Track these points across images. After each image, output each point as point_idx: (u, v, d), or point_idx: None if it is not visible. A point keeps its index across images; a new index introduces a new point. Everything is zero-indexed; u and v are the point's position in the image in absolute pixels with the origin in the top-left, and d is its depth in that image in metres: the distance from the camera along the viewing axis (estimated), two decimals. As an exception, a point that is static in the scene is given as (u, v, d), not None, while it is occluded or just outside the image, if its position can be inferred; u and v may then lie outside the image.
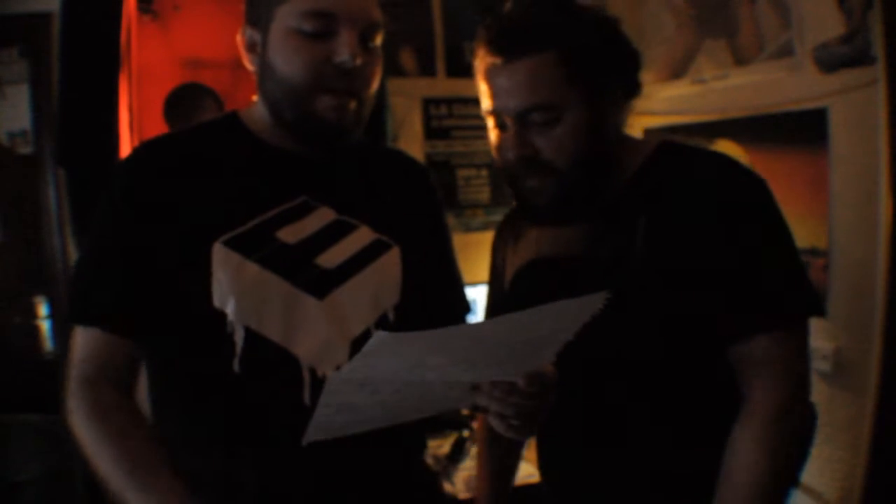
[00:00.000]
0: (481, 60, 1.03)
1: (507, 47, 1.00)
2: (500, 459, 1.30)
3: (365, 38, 0.98)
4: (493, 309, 1.26)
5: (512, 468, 1.33)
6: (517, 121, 1.01)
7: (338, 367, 0.94)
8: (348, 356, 0.95)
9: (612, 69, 1.04)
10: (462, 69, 2.53)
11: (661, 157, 1.08)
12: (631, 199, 1.05)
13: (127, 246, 0.95)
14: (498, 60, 1.00)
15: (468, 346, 0.77)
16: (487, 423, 1.28)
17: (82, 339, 0.96)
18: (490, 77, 1.02)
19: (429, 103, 2.53)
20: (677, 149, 1.10)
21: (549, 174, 1.02)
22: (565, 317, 0.79)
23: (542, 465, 1.19)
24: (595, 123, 1.02)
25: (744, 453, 0.96)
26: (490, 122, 1.06)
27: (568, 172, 1.01)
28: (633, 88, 1.07)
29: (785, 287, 1.00)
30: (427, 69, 2.53)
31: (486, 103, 1.05)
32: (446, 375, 0.80)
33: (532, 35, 1.00)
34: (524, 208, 1.10)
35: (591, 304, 0.77)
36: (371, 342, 0.70)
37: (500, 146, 1.05)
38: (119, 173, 1.01)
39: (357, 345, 0.95)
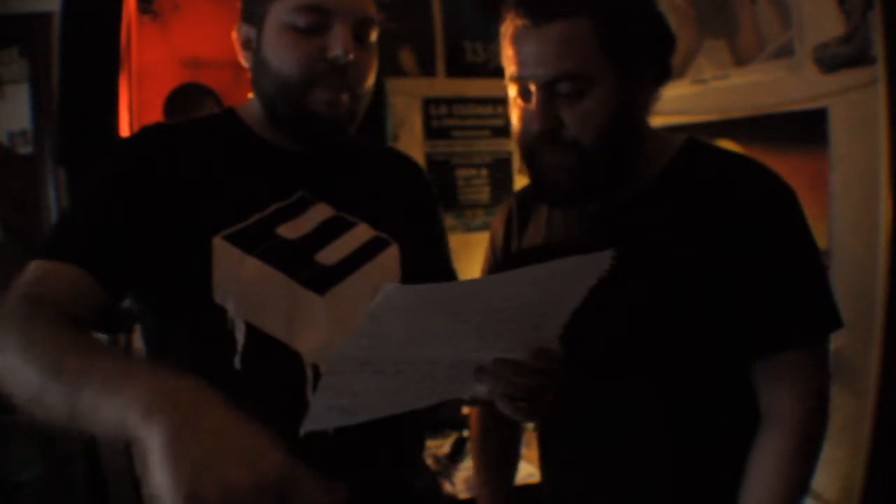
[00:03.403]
0: (509, 23, 0.97)
1: (538, 9, 0.94)
2: (497, 461, 1.28)
3: (359, 34, 0.97)
4: None
5: (511, 469, 1.32)
6: (543, 90, 0.95)
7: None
8: None
9: (647, 45, 0.98)
10: (462, 69, 2.53)
11: (688, 157, 1.04)
12: (657, 196, 1.02)
13: (125, 203, 0.92)
14: (527, 23, 0.94)
15: (474, 305, 0.75)
16: (480, 425, 1.28)
17: (41, 268, 0.85)
18: (517, 41, 0.96)
19: (429, 103, 2.53)
20: (706, 149, 1.06)
21: (572, 151, 0.96)
22: (571, 276, 0.77)
23: (544, 466, 1.19)
24: (624, 101, 0.97)
25: (768, 465, 0.96)
26: (512, 91, 1.00)
27: (592, 150, 0.96)
28: (664, 72, 1.02)
29: (815, 303, 0.98)
30: (427, 69, 2.52)
31: (510, 69, 0.98)
32: (451, 349, 0.79)
33: None
34: (541, 188, 1.04)
35: (597, 264, 0.75)
36: (378, 299, 0.67)
37: (523, 117, 0.99)
38: (125, 148, 1.00)
39: None
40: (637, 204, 1.03)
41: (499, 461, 1.29)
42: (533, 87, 0.96)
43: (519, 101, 1.00)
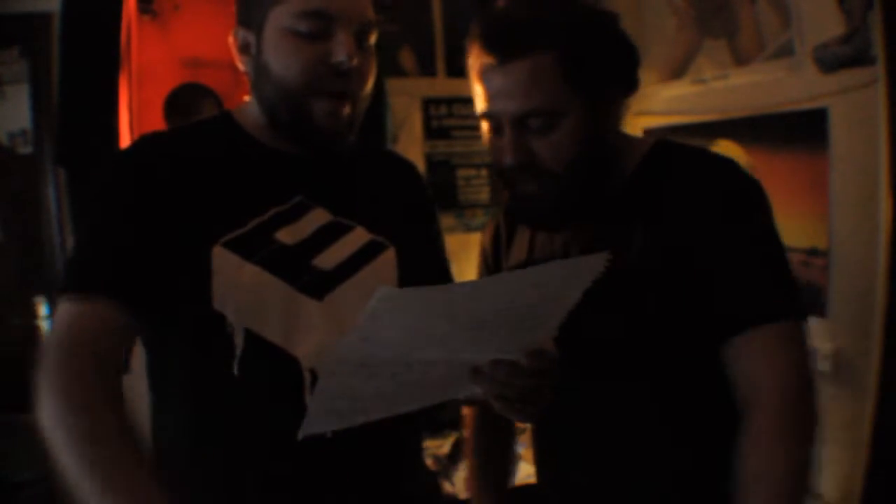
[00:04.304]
0: (475, 59, 0.98)
1: (503, 46, 0.95)
2: (492, 462, 1.28)
3: (360, 38, 0.98)
4: None
5: (506, 470, 1.31)
6: (513, 125, 0.96)
7: None
8: None
9: (611, 68, 1.00)
10: (462, 69, 2.52)
11: (656, 158, 1.06)
12: (627, 200, 1.04)
13: (135, 222, 0.92)
14: (493, 60, 0.95)
15: (470, 308, 0.75)
16: (475, 426, 1.28)
17: (74, 309, 0.88)
18: (484, 78, 0.98)
19: (429, 103, 2.53)
20: (673, 148, 1.08)
21: (547, 179, 0.98)
22: (566, 278, 0.78)
23: (539, 467, 1.19)
24: (594, 126, 0.99)
25: (759, 454, 0.91)
26: (484, 125, 1.03)
27: (566, 177, 0.98)
28: (631, 85, 1.03)
29: (777, 283, 0.98)
30: (427, 69, 2.53)
31: (479, 106, 1.01)
32: (447, 351, 0.79)
33: (530, 34, 0.95)
34: (521, 213, 1.07)
35: (592, 266, 0.76)
36: (372, 301, 0.67)
37: (495, 150, 1.01)
38: (124, 160, 1.00)
39: None
40: (608, 209, 1.04)
41: (493, 463, 1.29)
42: (504, 122, 0.98)
43: (490, 135, 1.02)
